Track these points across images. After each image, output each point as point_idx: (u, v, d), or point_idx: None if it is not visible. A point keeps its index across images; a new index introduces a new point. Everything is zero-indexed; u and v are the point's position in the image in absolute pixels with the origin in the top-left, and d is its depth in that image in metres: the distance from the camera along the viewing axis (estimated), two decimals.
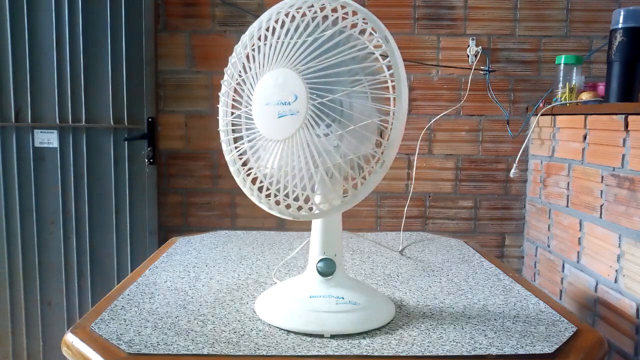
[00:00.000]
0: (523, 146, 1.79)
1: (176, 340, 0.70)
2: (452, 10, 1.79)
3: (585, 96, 1.52)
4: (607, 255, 1.32)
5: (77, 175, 1.74)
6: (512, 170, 1.77)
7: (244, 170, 0.75)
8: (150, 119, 1.72)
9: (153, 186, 1.73)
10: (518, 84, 1.81)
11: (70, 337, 0.72)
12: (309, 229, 0.80)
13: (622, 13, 1.36)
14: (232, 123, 0.75)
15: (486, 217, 1.86)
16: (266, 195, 0.73)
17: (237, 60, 0.74)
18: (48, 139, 1.72)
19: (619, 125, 1.27)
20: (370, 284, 0.95)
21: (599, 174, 1.36)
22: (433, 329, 0.75)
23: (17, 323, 1.78)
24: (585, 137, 1.44)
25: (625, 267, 1.24)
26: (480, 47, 1.78)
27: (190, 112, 1.83)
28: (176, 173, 1.85)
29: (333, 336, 0.72)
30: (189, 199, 1.86)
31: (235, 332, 0.73)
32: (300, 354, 0.67)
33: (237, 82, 0.74)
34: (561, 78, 1.61)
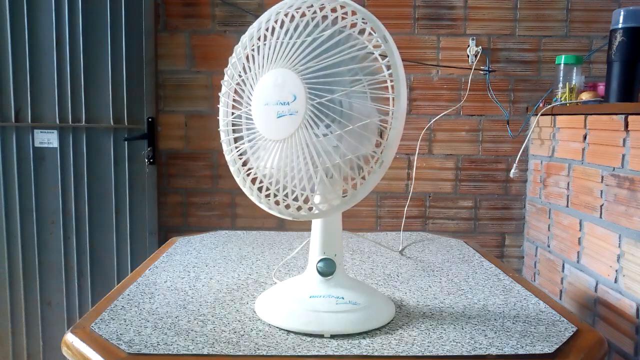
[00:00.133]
0: (523, 146, 1.79)
1: (176, 340, 0.70)
2: (452, 10, 1.79)
3: (585, 96, 1.52)
4: (607, 255, 1.32)
5: (77, 175, 1.74)
6: (512, 170, 1.77)
7: (244, 170, 0.75)
8: (150, 119, 1.72)
9: (153, 186, 1.73)
10: (518, 84, 1.81)
11: (70, 337, 0.72)
12: (309, 229, 0.80)
13: (622, 13, 1.36)
14: (232, 123, 0.75)
15: (486, 217, 1.86)
16: (266, 195, 0.73)
17: (237, 61, 0.74)
18: (48, 139, 1.72)
19: (619, 125, 1.27)
20: (370, 284, 0.95)
21: (599, 174, 1.36)
22: (433, 329, 0.75)
23: (17, 323, 1.78)
24: (585, 137, 1.44)
25: (625, 267, 1.24)
26: (480, 47, 1.78)
27: (190, 112, 1.83)
28: (176, 173, 1.85)
29: (333, 336, 0.72)
30: (189, 199, 1.86)
31: (235, 332, 0.73)
32: (300, 354, 0.67)
33: (237, 83, 0.74)
34: (561, 78, 1.61)
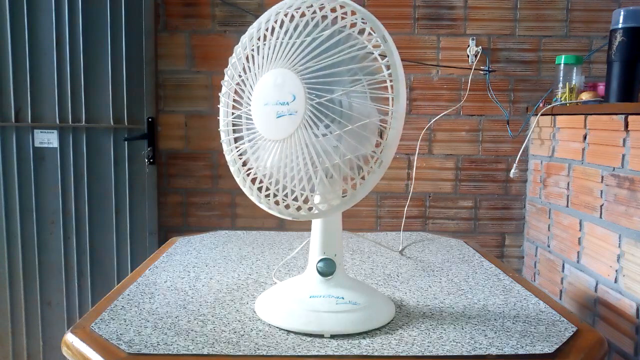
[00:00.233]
0: (523, 146, 1.79)
1: (176, 340, 0.70)
2: (452, 10, 1.79)
3: (585, 96, 1.52)
4: (607, 255, 1.32)
5: (77, 175, 1.74)
6: (512, 170, 1.77)
7: (244, 170, 0.75)
8: (150, 119, 1.72)
9: (153, 186, 1.73)
10: (518, 84, 1.81)
11: (70, 337, 0.72)
12: (309, 229, 0.80)
13: (622, 13, 1.36)
14: (233, 123, 0.75)
15: (486, 217, 1.86)
16: (266, 195, 0.73)
17: (237, 61, 0.74)
18: (48, 139, 1.72)
19: (619, 125, 1.27)
20: (370, 284, 0.95)
21: (599, 174, 1.36)
22: (433, 329, 0.75)
23: (17, 323, 1.78)
24: (585, 137, 1.44)
25: (625, 267, 1.24)
26: (480, 47, 1.78)
27: (190, 112, 1.83)
28: (176, 173, 1.85)
29: (333, 336, 0.72)
30: (189, 199, 1.86)
31: (235, 332, 0.73)
32: (300, 354, 0.67)
33: (237, 83, 0.74)
34: (561, 78, 1.61)
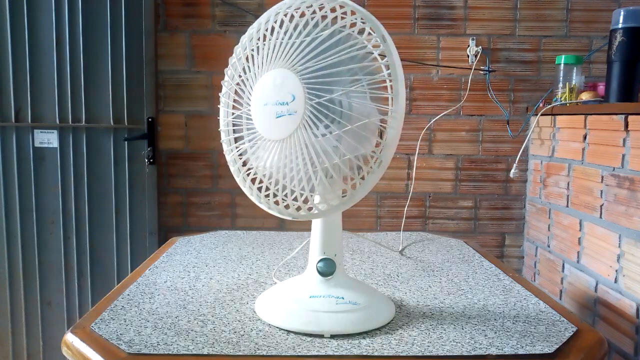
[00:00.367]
0: (523, 146, 1.79)
1: (176, 340, 0.70)
2: (452, 10, 1.79)
3: (585, 96, 1.52)
4: (607, 255, 1.32)
5: (77, 175, 1.74)
6: (512, 170, 1.77)
7: (244, 170, 0.75)
8: (150, 119, 1.72)
9: (153, 186, 1.73)
10: (518, 84, 1.81)
11: (70, 337, 0.72)
12: (309, 229, 0.80)
13: (622, 13, 1.36)
14: (233, 123, 0.75)
15: (486, 217, 1.86)
16: (266, 195, 0.73)
17: (237, 61, 0.74)
18: (48, 139, 1.72)
19: (619, 125, 1.27)
20: (370, 284, 0.95)
21: (599, 174, 1.36)
22: (433, 329, 0.75)
23: (17, 323, 1.78)
24: (585, 137, 1.44)
25: (625, 267, 1.24)
26: (480, 47, 1.78)
27: (190, 112, 1.83)
28: (176, 173, 1.85)
29: (333, 336, 0.72)
30: (189, 199, 1.86)
31: (235, 332, 0.73)
32: (300, 354, 0.67)
33: (237, 83, 0.74)
34: (561, 78, 1.61)
